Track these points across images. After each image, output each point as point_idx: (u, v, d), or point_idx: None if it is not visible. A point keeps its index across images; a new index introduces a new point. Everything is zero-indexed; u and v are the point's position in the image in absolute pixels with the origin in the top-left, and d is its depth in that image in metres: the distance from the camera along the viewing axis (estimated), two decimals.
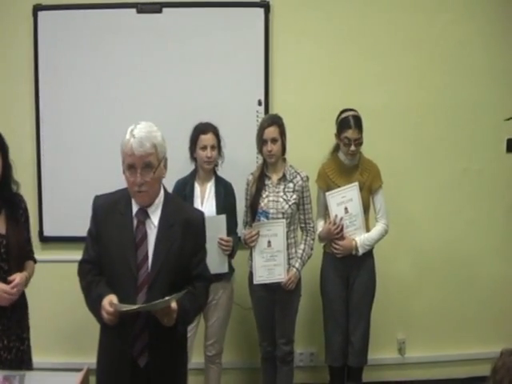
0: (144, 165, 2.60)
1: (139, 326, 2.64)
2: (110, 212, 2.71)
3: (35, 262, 3.28)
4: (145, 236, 2.67)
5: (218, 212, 3.87)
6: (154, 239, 2.67)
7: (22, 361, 3.08)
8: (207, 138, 3.88)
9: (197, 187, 3.95)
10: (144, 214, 2.70)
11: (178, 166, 4.03)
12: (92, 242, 2.74)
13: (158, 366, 2.69)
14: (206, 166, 3.91)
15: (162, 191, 2.75)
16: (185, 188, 3.92)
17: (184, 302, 2.63)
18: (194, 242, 2.75)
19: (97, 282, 2.68)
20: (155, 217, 2.70)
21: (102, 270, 2.72)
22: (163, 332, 2.63)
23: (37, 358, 3.26)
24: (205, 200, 3.91)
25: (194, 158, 3.96)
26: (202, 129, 3.91)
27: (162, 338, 2.65)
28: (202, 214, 2.87)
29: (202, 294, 2.83)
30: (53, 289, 3.94)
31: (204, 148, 3.88)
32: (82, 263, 2.78)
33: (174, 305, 2.57)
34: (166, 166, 2.73)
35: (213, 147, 3.89)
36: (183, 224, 2.71)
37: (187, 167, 4.00)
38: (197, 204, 3.89)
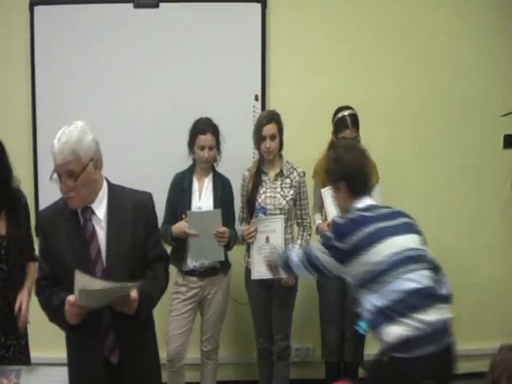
0: (66, 173, 2.54)
1: (106, 323, 2.62)
2: (57, 221, 2.65)
3: (36, 260, 3.25)
4: (93, 232, 2.62)
5: (216, 207, 3.86)
6: (104, 234, 2.63)
7: (20, 358, 3.07)
8: (206, 139, 3.84)
9: (195, 181, 3.94)
10: (88, 210, 2.64)
11: (175, 160, 4.06)
12: (44, 258, 2.70)
13: (130, 361, 2.66)
14: (203, 165, 3.91)
15: (104, 184, 2.69)
16: (183, 182, 3.92)
17: (144, 286, 2.59)
18: (146, 225, 2.71)
19: (56, 293, 2.62)
20: (100, 211, 2.65)
21: (59, 280, 2.64)
22: (131, 324, 2.60)
23: (34, 353, 3.25)
24: (202, 194, 3.90)
25: (192, 151, 3.94)
26: (201, 129, 3.86)
27: (131, 330, 2.62)
28: (149, 194, 2.81)
29: (162, 276, 2.80)
30: None
31: (202, 148, 3.84)
32: (38, 281, 2.74)
33: (133, 294, 2.53)
34: (97, 166, 2.63)
35: (211, 147, 3.85)
36: (132, 210, 2.67)
37: (184, 161, 3.99)
38: (195, 198, 3.89)
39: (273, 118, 3.92)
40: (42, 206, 4.36)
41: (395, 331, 2.59)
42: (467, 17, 4.54)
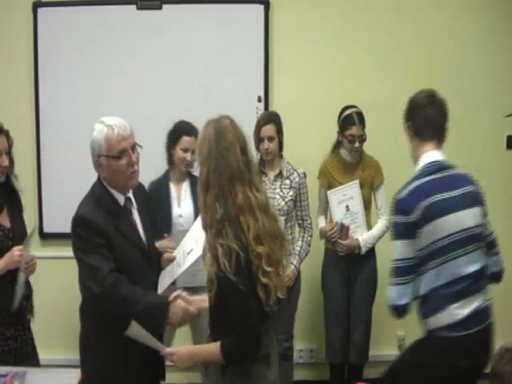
0: (132, 146, 2.71)
1: None
2: (105, 217, 2.68)
3: None
4: (135, 222, 2.80)
5: (196, 212, 3.60)
6: (139, 221, 2.81)
7: (27, 351, 3.09)
8: (190, 141, 3.73)
9: (172, 188, 3.85)
10: (129, 200, 2.79)
11: None
12: (106, 250, 2.63)
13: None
14: (183, 169, 3.82)
15: None
16: (160, 190, 3.81)
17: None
18: (148, 209, 2.93)
19: (139, 290, 2.62)
20: (133, 200, 2.82)
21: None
22: None
23: (40, 355, 3.26)
24: (181, 200, 3.81)
25: (170, 154, 3.84)
26: (186, 130, 3.78)
27: None
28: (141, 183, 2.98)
29: None
30: (53, 285, 3.94)
31: (185, 150, 3.76)
32: (107, 274, 2.57)
33: None
34: None
35: (193, 151, 3.72)
36: (141, 196, 2.89)
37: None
38: (174, 205, 3.80)
39: (271, 118, 3.92)
40: (45, 206, 4.42)
41: (446, 313, 2.65)
42: (472, 18, 4.53)
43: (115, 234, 2.66)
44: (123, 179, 2.71)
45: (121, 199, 2.74)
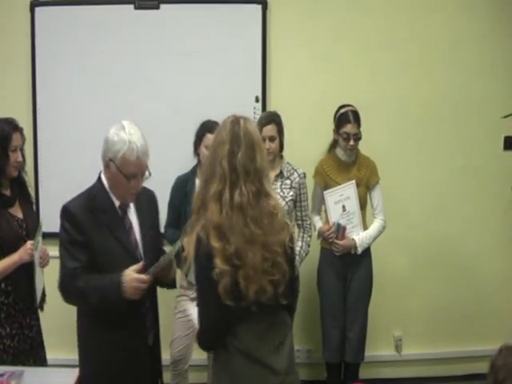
0: (143, 172, 2.75)
1: (148, 302, 2.81)
2: (92, 214, 2.71)
3: None
4: (131, 223, 2.82)
5: None
6: (136, 224, 2.84)
7: (24, 349, 3.12)
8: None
9: (198, 184, 3.93)
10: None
11: (175, 162, 4.06)
12: (77, 248, 2.69)
13: (158, 340, 2.92)
14: None
15: None
16: (186, 185, 3.91)
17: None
18: (157, 216, 3.01)
19: (97, 276, 2.67)
20: (132, 204, 2.85)
21: (98, 269, 2.69)
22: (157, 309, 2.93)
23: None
24: None
25: (197, 153, 3.94)
26: (209, 128, 3.78)
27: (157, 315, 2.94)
28: (153, 191, 3.04)
29: None
30: (52, 285, 3.91)
31: (208, 147, 3.82)
32: (71, 270, 2.68)
33: None
34: None
35: None
36: (147, 201, 2.93)
37: (185, 164, 3.99)
38: None
39: (272, 119, 3.91)
40: (43, 206, 4.39)
41: None
42: (468, 19, 4.54)
43: (99, 231, 2.70)
44: (122, 194, 2.77)
45: (116, 201, 2.79)
